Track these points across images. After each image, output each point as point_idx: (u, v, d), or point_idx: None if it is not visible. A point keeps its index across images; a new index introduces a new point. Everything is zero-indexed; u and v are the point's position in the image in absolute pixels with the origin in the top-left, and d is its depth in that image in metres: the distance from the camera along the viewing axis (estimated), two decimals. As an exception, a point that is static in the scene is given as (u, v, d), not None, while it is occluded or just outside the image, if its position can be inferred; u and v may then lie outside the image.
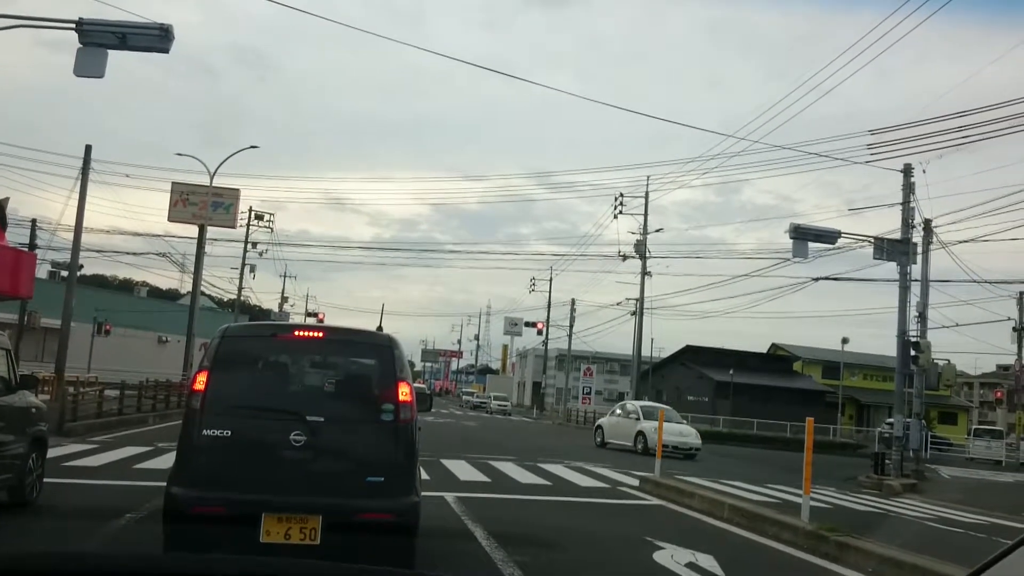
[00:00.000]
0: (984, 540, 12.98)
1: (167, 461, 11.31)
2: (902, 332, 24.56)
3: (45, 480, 9.77)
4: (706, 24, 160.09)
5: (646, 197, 46.98)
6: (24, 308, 35.87)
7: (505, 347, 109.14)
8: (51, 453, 10.71)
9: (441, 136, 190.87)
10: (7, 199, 20.09)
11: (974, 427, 52.45)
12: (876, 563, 8.30)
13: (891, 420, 29.94)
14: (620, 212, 47.80)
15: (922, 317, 25.00)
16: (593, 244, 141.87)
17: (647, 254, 46.62)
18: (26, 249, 29.33)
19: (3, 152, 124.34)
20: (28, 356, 35.49)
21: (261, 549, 5.57)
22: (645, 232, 46.72)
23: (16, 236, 30.40)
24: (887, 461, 23.83)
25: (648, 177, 47.89)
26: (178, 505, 5.80)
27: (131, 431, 20.04)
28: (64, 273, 35.01)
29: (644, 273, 46.72)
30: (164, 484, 6.06)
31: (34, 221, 37.15)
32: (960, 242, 26.98)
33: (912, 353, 24.17)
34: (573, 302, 63.39)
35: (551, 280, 65.86)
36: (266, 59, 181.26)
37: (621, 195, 47.91)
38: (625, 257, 47.65)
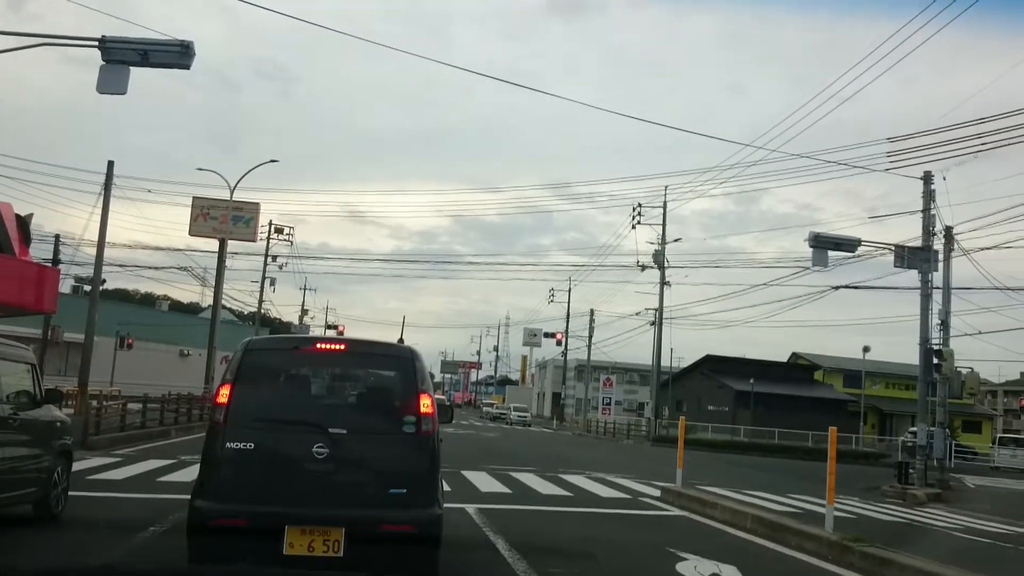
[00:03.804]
0: (1011, 550, 12.84)
1: (190, 474, 11.38)
2: (924, 340, 24.34)
3: (70, 493, 9.85)
4: (727, 33, 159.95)
5: (664, 207, 47.01)
6: (48, 323, 36.24)
7: (524, 358, 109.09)
8: (75, 466, 10.79)
9: (460, 148, 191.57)
10: (31, 215, 20.32)
11: (999, 436, 51.84)
12: (896, 572, 8.22)
13: (914, 429, 29.61)
14: (638, 222, 47.86)
15: (944, 325, 24.77)
16: (612, 254, 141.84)
17: (666, 264, 46.58)
18: (49, 265, 29.68)
19: (27, 168, 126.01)
20: (52, 370, 35.82)
21: (285, 561, 5.59)
22: (663, 242, 46.71)
23: (40, 252, 30.72)
24: (911, 470, 23.63)
25: (666, 187, 48.06)
26: (202, 518, 5.82)
27: (154, 444, 20.17)
28: (87, 288, 35.37)
29: (663, 283, 46.68)
30: (187, 497, 6.09)
31: (57, 237, 37.64)
32: (982, 249, 26.73)
33: (935, 361, 23.95)
34: (592, 312, 63.32)
35: (570, 291, 65.96)
36: (286, 72, 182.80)
37: (639, 205, 47.97)
38: (644, 267, 47.67)
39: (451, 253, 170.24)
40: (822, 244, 24.05)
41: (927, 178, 24.58)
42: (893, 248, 25.00)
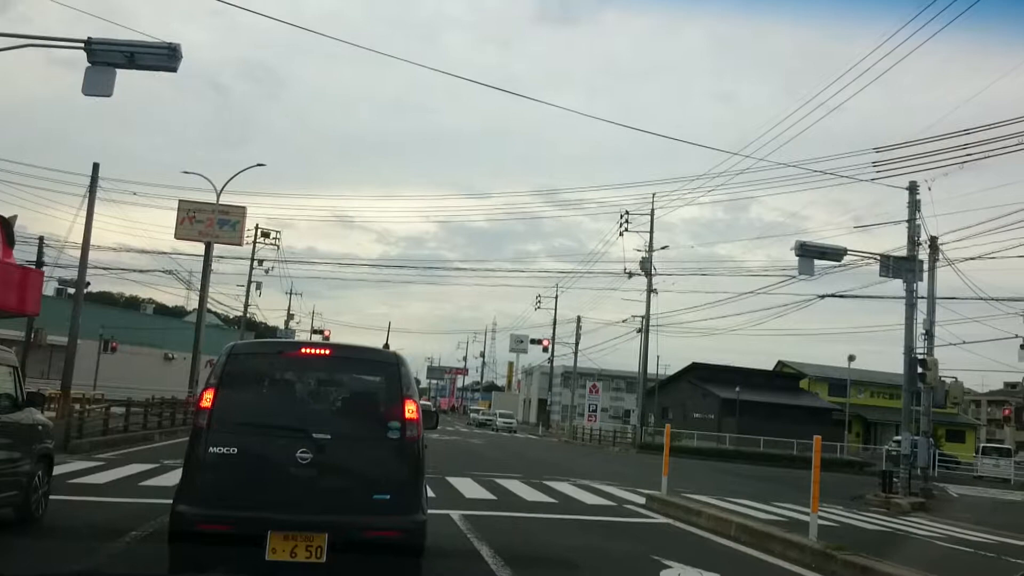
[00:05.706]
0: (993, 559, 12.89)
1: (173, 478, 11.29)
2: (909, 349, 24.47)
3: (51, 497, 9.77)
4: (717, 41, 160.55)
5: (651, 215, 47.10)
6: (31, 325, 35.97)
7: (511, 364, 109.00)
8: (57, 470, 10.70)
9: (449, 153, 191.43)
10: (15, 217, 20.12)
11: (982, 445, 52.14)
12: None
13: (898, 438, 29.78)
14: (626, 230, 47.92)
15: (929, 334, 24.90)
16: (600, 261, 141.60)
17: (653, 271, 46.67)
18: (33, 267, 29.45)
19: (12, 170, 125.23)
20: (34, 373, 35.53)
21: (267, 567, 5.56)
22: (651, 250, 46.80)
23: (24, 254, 30.50)
24: (895, 479, 23.73)
25: (654, 195, 48.02)
26: (184, 523, 5.78)
27: (137, 448, 20.04)
28: (71, 290, 35.16)
29: (650, 290, 46.77)
30: (170, 501, 6.04)
31: (41, 239, 37.35)
32: (967, 259, 26.84)
33: (919, 370, 24.07)
34: (579, 319, 63.39)
35: (557, 297, 65.95)
36: (274, 76, 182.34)
37: (627, 212, 48.04)
38: (631, 275, 47.74)
39: (438, 259, 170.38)
40: (808, 253, 24.15)
41: (912, 188, 24.74)
42: (879, 257, 25.14)
